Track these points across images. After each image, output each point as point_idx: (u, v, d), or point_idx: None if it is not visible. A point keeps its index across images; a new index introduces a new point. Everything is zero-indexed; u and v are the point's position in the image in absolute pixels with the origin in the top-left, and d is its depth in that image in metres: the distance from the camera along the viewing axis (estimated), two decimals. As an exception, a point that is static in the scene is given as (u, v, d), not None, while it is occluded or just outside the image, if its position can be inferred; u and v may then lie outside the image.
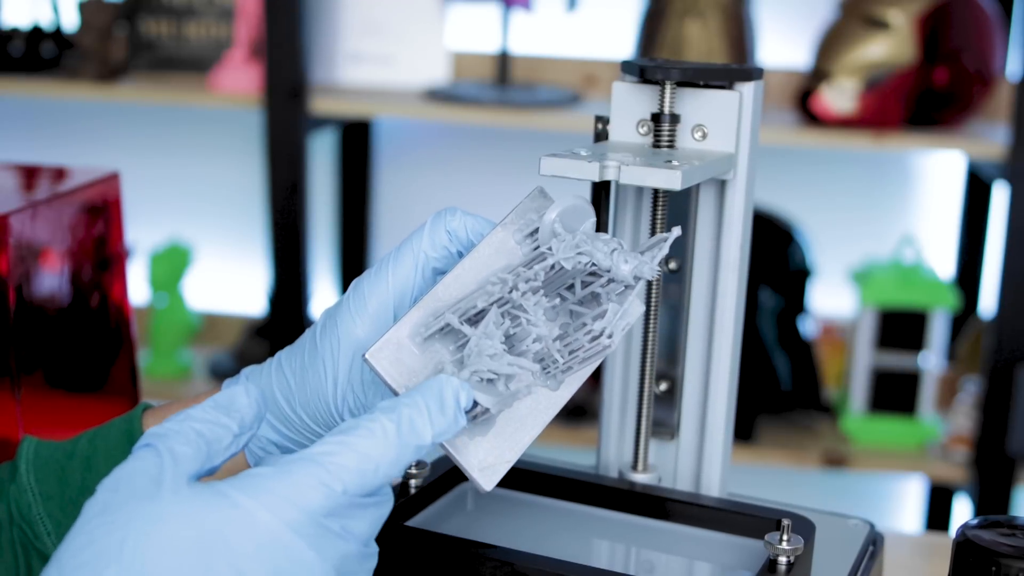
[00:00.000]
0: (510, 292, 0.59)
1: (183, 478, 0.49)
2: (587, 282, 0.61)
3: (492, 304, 0.59)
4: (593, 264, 0.60)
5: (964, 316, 2.05)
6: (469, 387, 0.56)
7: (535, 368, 0.58)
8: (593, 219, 0.62)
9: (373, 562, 0.53)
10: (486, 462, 0.58)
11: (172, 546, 0.47)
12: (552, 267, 0.60)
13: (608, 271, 0.60)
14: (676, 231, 0.61)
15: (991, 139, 1.78)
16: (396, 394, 0.58)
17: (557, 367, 0.60)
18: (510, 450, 0.59)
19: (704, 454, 0.75)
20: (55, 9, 2.05)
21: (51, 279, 0.80)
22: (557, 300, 0.61)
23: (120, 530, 0.47)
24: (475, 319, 0.59)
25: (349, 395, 0.62)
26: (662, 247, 0.60)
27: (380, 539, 0.54)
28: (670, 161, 0.65)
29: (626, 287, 0.60)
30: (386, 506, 0.53)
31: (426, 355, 0.59)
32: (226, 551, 0.47)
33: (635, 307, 0.64)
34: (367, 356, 0.58)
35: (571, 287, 0.61)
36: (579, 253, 0.60)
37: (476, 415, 0.57)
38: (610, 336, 0.58)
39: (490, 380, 0.57)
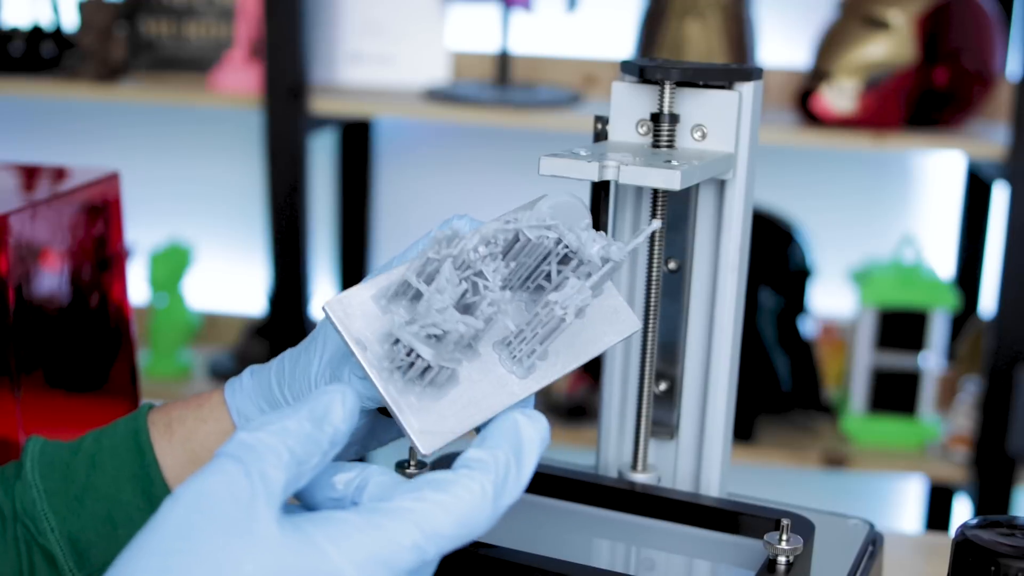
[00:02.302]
0: (471, 252, 0.58)
1: (274, 513, 0.47)
2: (562, 270, 0.60)
3: (447, 260, 0.58)
4: (566, 247, 0.59)
5: (964, 316, 2.05)
6: (543, 440, 0.54)
7: (480, 325, 0.56)
8: (588, 220, 0.61)
9: None
10: (429, 427, 0.57)
11: None
12: (516, 239, 0.60)
13: (576, 252, 0.59)
14: (655, 223, 0.61)
15: (991, 139, 1.78)
16: (347, 345, 0.57)
17: (521, 348, 0.59)
18: (458, 424, 0.58)
19: (704, 454, 0.75)
20: (55, 9, 2.05)
21: (51, 279, 0.80)
22: (533, 288, 0.61)
23: (204, 565, 0.45)
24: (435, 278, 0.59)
25: (327, 371, 0.63)
26: (638, 236, 0.60)
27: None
28: (669, 161, 0.65)
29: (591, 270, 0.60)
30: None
31: (386, 316, 0.58)
32: None
33: (617, 305, 0.63)
34: (324, 304, 0.58)
35: (548, 276, 0.61)
36: (547, 228, 0.59)
37: (423, 371, 0.56)
38: (564, 308, 0.57)
39: (437, 337, 0.56)
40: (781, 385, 1.93)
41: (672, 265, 0.76)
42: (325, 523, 0.48)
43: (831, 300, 2.10)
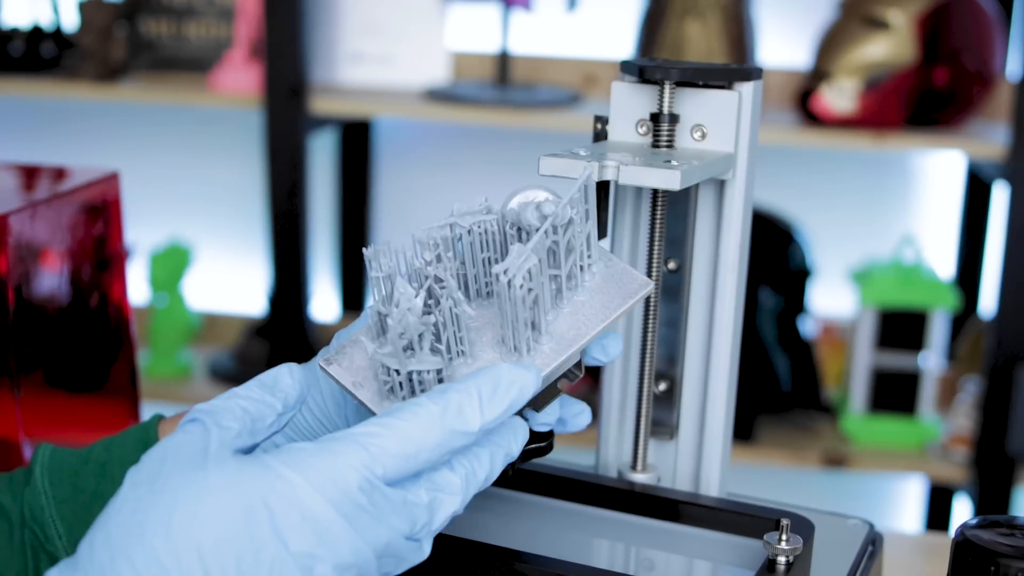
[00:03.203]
0: (417, 260, 0.59)
1: (228, 450, 0.51)
2: None
3: (396, 276, 0.58)
4: (513, 224, 0.59)
5: (964, 316, 2.05)
6: (536, 378, 0.55)
7: (433, 320, 0.56)
8: (547, 196, 0.61)
9: (417, 558, 0.53)
10: None
11: (218, 515, 0.48)
12: (459, 237, 0.60)
13: (519, 225, 0.59)
14: (588, 170, 0.60)
15: (991, 139, 1.78)
16: (349, 392, 0.58)
17: (511, 337, 0.58)
18: None
19: (703, 454, 0.75)
20: (55, 9, 2.05)
21: (51, 279, 0.80)
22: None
23: (168, 498, 0.49)
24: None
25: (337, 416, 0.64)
26: (574, 190, 0.59)
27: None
28: (669, 161, 0.65)
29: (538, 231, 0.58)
30: (424, 515, 0.53)
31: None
32: (270, 521, 0.48)
33: (622, 269, 0.62)
34: (320, 363, 0.59)
35: None
36: (486, 212, 0.59)
37: (411, 387, 0.57)
38: (509, 275, 0.56)
39: (406, 348, 0.56)
40: (781, 385, 1.93)
41: (672, 265, 0.76)
42: (280, 452, 0.51)
43: (831, 300, 2.10)
